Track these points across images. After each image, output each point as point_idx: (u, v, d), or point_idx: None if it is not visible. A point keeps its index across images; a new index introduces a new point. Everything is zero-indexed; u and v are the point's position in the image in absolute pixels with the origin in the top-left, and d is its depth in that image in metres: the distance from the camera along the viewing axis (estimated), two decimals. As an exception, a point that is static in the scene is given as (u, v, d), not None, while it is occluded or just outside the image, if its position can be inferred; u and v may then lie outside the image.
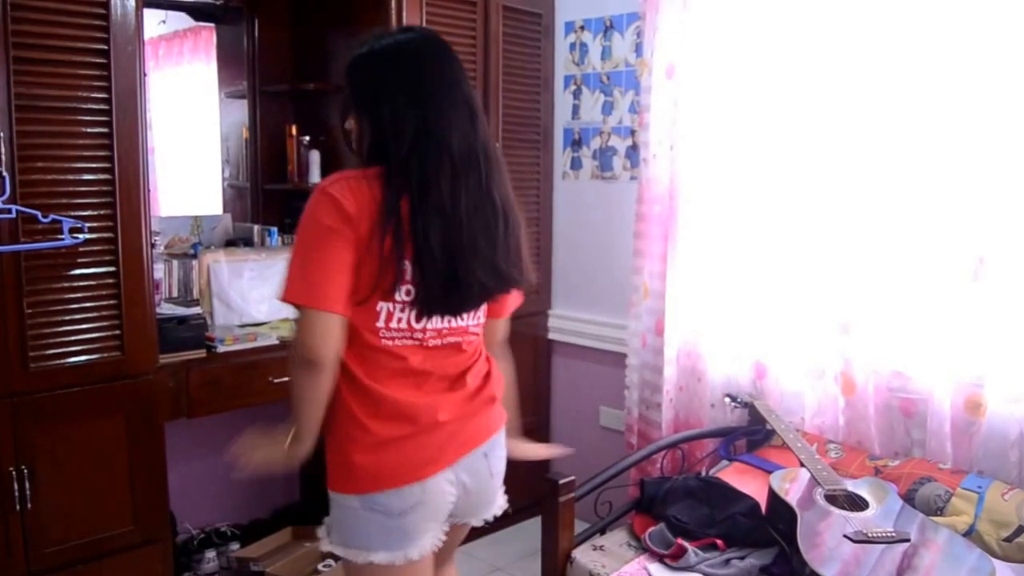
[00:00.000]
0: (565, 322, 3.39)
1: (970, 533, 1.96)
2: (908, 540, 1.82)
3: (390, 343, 1.54)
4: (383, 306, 1.52)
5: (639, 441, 2.92)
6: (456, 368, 1.62)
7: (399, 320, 1.54)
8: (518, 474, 3.40)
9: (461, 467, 1.60)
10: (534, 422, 3.44)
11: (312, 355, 1.48)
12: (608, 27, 3.14)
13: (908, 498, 2.08)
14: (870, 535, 1.82)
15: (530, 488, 2.15)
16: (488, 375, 1.68)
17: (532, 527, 3.08)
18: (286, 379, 2.57)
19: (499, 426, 1.69)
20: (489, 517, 1.73)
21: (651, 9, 2.78)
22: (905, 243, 2.34)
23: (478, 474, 1.63)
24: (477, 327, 1.65)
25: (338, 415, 1.56)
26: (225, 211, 3.18)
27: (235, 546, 2.93)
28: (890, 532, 1.84)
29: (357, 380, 1.54)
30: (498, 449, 1.69)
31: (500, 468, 1.70)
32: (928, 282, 2.30)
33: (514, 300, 1.74)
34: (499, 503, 1.74)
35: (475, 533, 3.13)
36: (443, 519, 1.63)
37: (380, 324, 1.53)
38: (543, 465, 3.46)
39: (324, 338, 1.48)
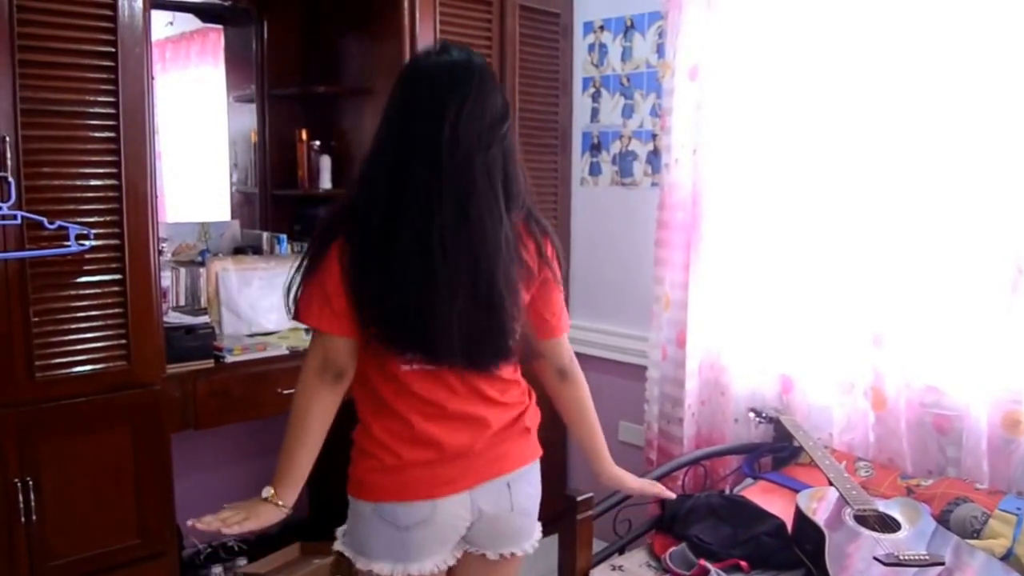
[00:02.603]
0: (583, 333, 3.38)
1: (1008, 557, 1.93)
2: (942, 564, 1.80)
3: (408, 367, 1.60)
4: None
5: (659, 457, 2.91)
6: (486, 398, 1.65)
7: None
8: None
9: (479, 493, 1.63)
10: (552, 437, 3.42)
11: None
12: (629, 27, 3.14)
13: (942, 519, 2.05)
14: (902, 558, 1.80)
15: (546, 505, 2.15)
16: (524, 406, 1.72)
17: (548, 546, 3.06)
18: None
19: (529, 459, 1.72)
20: (507, 552, 1.72)
21: (674, 8, 2.77)
22: (940, 252, 2.31)
23: (497, 504, 1.65)
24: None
25: (362, 437, 1.65)
26: (233, 217, 3.21)
27: (242, 561, 2.94)
28: (923, 555, 1.82)
29: (386, 405, 1.61)
30: (524, 483, 1.70)
31: (524, 503, 1.70)
32: (964, 292, 2.27)
33: (555, 316, 1.73)
34: (527, 538, 1.75)
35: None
36: (452, 544, 1.65)
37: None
38: (560, 482, 3.46)
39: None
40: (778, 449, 2.53)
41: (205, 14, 3.09)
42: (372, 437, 1.61)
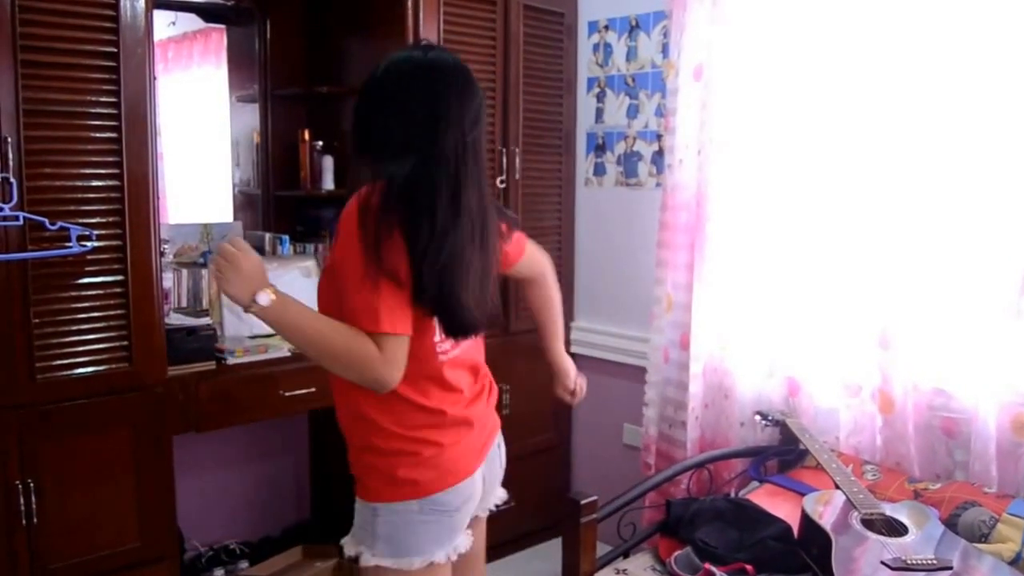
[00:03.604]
0: (588, 335, 3.39)
1: (1017, 562, 1.92)
2: (950, 568, 1.80)
3: (444, 357, 1.64)
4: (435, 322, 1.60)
5: (658, 461, 2.91)
6: (475, 369, 1.75)
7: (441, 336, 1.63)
8: (536, 494, 3.39)
9: (487, 459, 1.75)
10: (555, 439, 3.44)
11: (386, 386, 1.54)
12: (634, 27, 3.15)
13: (950, 523, 2.05)
14: (909, 562, 1.80)
15: (550, 508, 2.15)
16: (487, 374, 1.82)
17: (551, 549, 3.07)
18: (297, 392, 2.59)
19: (499, 421, 1.86)
20: (490, 508, 1.87)
21: (678, 7, 2.78)
22: (948, 253, 2.31)
23: (492, 464, 1.79)
24: None
25: (388, 437, 1.60)
26: (235, 218, 3.21)
27: (244, 564, 2.94)
28: (931, 559, 1.82)
29: (411, 402, 1.60)
30: (502, 442, 1.86)
31: (504, 461, 1.87)
32: (972, 294, 2.27)
33: (516, 242, 1.81)
34: (500, 493, 1.89)
35: (489, 556, 3.14)
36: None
37: (437, 339, 1.62)
38: (563, 485, 3.46)
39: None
40: (784, 452, 2.53)
41: (208, 14, 3.10)
42: (402, 436, 1.59)
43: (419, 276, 1.49)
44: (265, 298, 1.49)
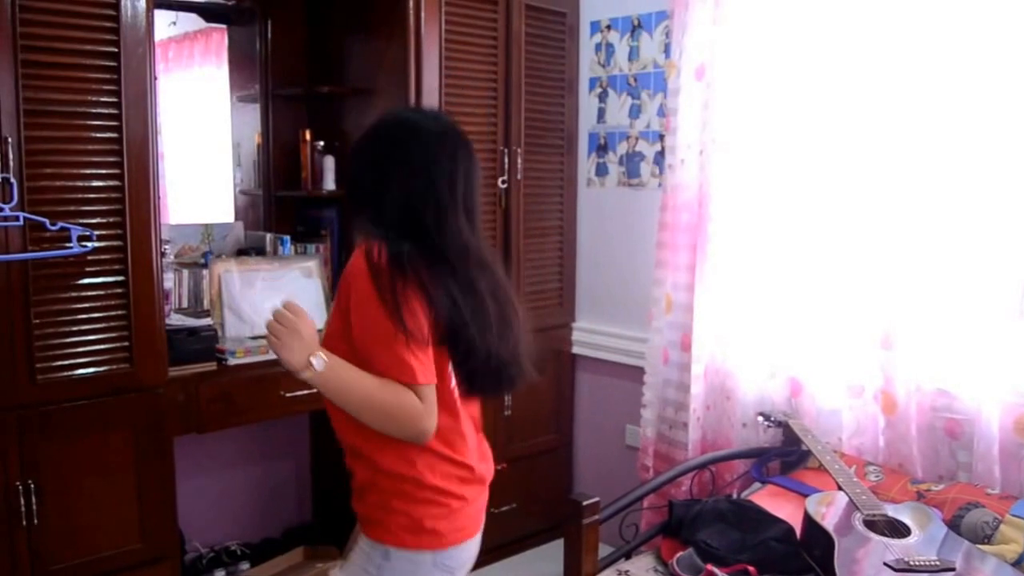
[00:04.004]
0: (590, 336, 3.39)
1: (1020, 563, 1.92)
2: (953, 569, 1.80)
3: (459, 404, 1.63)
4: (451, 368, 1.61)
5: (657, 463, 2.90)
6: (478, 423, 1.72)
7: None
8: (538, 495, 3.39)
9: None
10: (557, 440, 3.44)
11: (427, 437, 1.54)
12: (636, 26, 3.15)
13: (953, 525, 2.05)
14: (912, 563, 1.80)
15: (552, 510, 2.15)
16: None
17: (553, 551, 3.07)
18: (298, 393, 2.59)
19: None
20: None
21: (680, 7, 2.78)
22: (951, 253, 2.31)
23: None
24: None
25: (421, 486, 1.58)
26: (237, 219, 3.21)
27: (245, 566, 2.95)
28: (934, 561, 1.81)
29: (439, 454, 1.59)
30: None
31: None
32: (975, 295, 2.27)
33: None
34: None
35: (491, 557, 3.17)
36: None
37: (452, 384, 1.61)
38: (565, 486, 3.46)
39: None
40: (787, 453, 2.53)
41: (209, 14, 3.11)
42: (435, 487, 1.58)
43: (454, 339, 1.53)
44: (320, 362, 1.47)
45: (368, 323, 1.49)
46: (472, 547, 1.67)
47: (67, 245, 2.17)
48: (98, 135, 2.22)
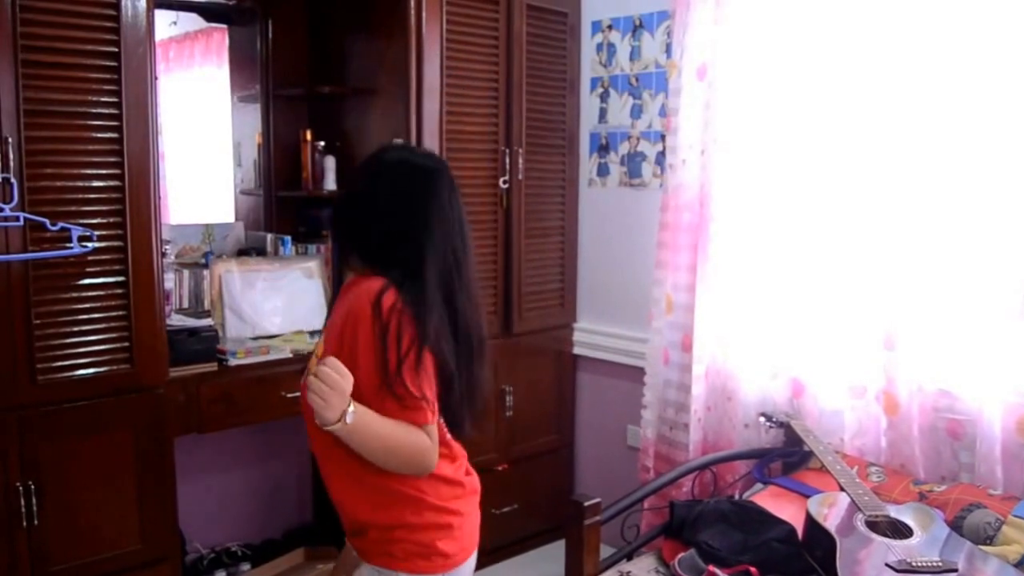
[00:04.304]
0: (591, 336, 3.39)
1: (1022, 564, 1.92)
2: (955, 570, 1.79)
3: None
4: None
5: (657, 464, 2.90)
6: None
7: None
8: (540, 496, 3.39)
9: None
10: (558, 441, 3.44)
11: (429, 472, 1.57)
12: (637, 26, 3.15)
13: (955, 526, 2.05)
14: (914, 564, 1.80)
15: (553, 510, 2.15)
16: None
17: (555, 551, 3.07)
18: (300, 394, 2.58)
19: None
20: None
21: (681, 7, 2.78)
22: (953, 253, 2.31)
23: None
24: None
25: (420, 510, 1.59)
26: (237, 219, 3.22)
27: (246, 567, 2.95)
28: (936, 562, 1.81)
29: (434, 476, 1.60)
30: None
31: None
32: (977, 295, 2.27)
33: None
34: None
35: (493, 558, 3.17)
36: None
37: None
38: (567, 487, 3.46)
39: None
40: (788, 454, 2.53)
41: (209, 14, 3.11)
42: (435, 508, 1.59)
43: (446, 377, 1.55)
44: (352, 417, 1.46)
45: (381, 365, 1.49)
46: (473, 559, 1.69)
47: (67, 245, 2.17)
48: (98, 135, 2.22)
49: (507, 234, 3.13)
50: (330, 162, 3.02)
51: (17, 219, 2.09)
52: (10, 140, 2.07)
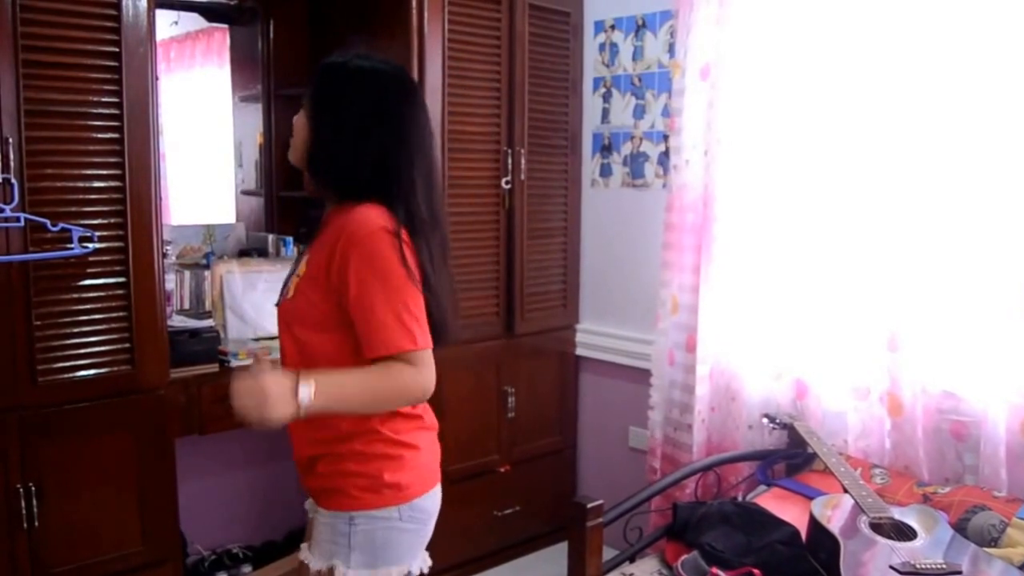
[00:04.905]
0: (594, 337, 3.39)
1: (1027, 566, 1.92)
2: (959, 573, 1.79)
3: None
4: None
5: (663, 465, 2.90)
6: None
7: None
8: (542, 498, 3.39)
9: None
10: (560, 442, 3.44)
11: (429, 395, 1.55)
12: (640, 26, 3.15)
13: (959, 528, 2.04)
14: (918, 567, 1.79)
15: (556, 512, 2.15)
16: None
17: (557, 554, 3.07)
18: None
19: None
20: None
21: (684, 7, 2.78)
22: (957, 254, 2.31)
23: None
24: None
25: (371, 441, 1.58)
26: (238, 219, 3.22)
27: (247, 568, 2.95)
28: (940, 564, 1.81)
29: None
30: None
31: None
32: (981, 296, 2.27)
33: None
34: None
35: (495, 560, 3.17)
36: None
37: None
38: (569, 489, 3.46)
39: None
40: (792, 456, 2.53)
41: (210, 13, 3.11)
42: (387, 439, 1.58)
43: (430, 289, 1.56)
44: (306, 393, 1.41)
45: (373, 291, 1.49)
46: (436, 496, 1.66)
47: (68, 246, 2.17)
48: (99, 135, 2.23)
49: (509, 235, 3.12)
50: (331, 162, 3.02)
51: (18, 220, 2.09)
52: (11, 140, 2.07)
